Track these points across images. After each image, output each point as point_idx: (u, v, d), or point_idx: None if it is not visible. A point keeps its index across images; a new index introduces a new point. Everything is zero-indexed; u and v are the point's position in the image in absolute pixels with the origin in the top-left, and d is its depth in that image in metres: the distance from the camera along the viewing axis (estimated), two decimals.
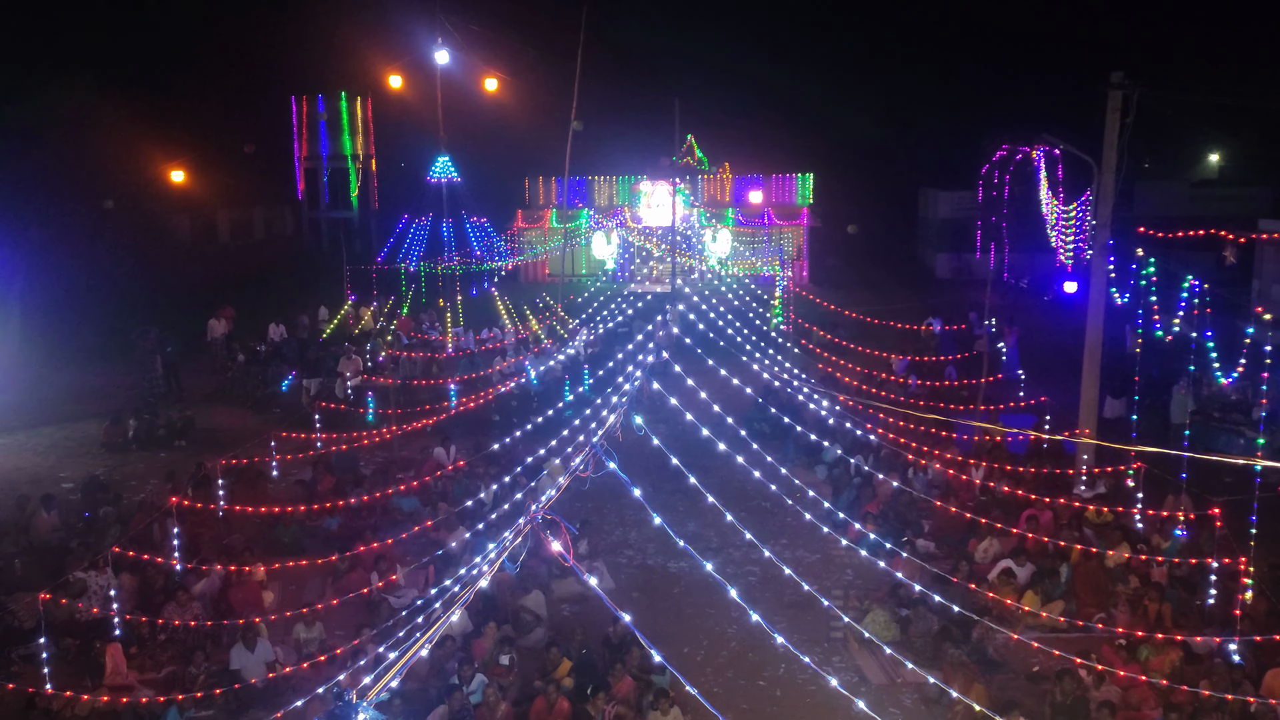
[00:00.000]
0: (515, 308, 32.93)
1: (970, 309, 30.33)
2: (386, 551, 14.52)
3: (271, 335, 28.79)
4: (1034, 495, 15.89)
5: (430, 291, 36.14)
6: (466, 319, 32.15)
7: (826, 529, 14.72)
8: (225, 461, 17.47)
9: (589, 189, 46.79)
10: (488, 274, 41.16)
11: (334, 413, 22.08)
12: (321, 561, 14.46)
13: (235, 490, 17.39)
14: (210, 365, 27.61)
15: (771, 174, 46.47)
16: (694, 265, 45.20)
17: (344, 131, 55.86)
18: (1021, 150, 42.41)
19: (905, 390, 23.57)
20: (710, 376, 18.37)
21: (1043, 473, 17.57)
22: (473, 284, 40.32)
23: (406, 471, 18.64)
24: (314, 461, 18.67)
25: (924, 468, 17.79)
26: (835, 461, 18.92)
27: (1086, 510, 15.92)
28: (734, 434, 16.35)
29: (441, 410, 21.14)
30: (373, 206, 57.83)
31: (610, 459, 9.51)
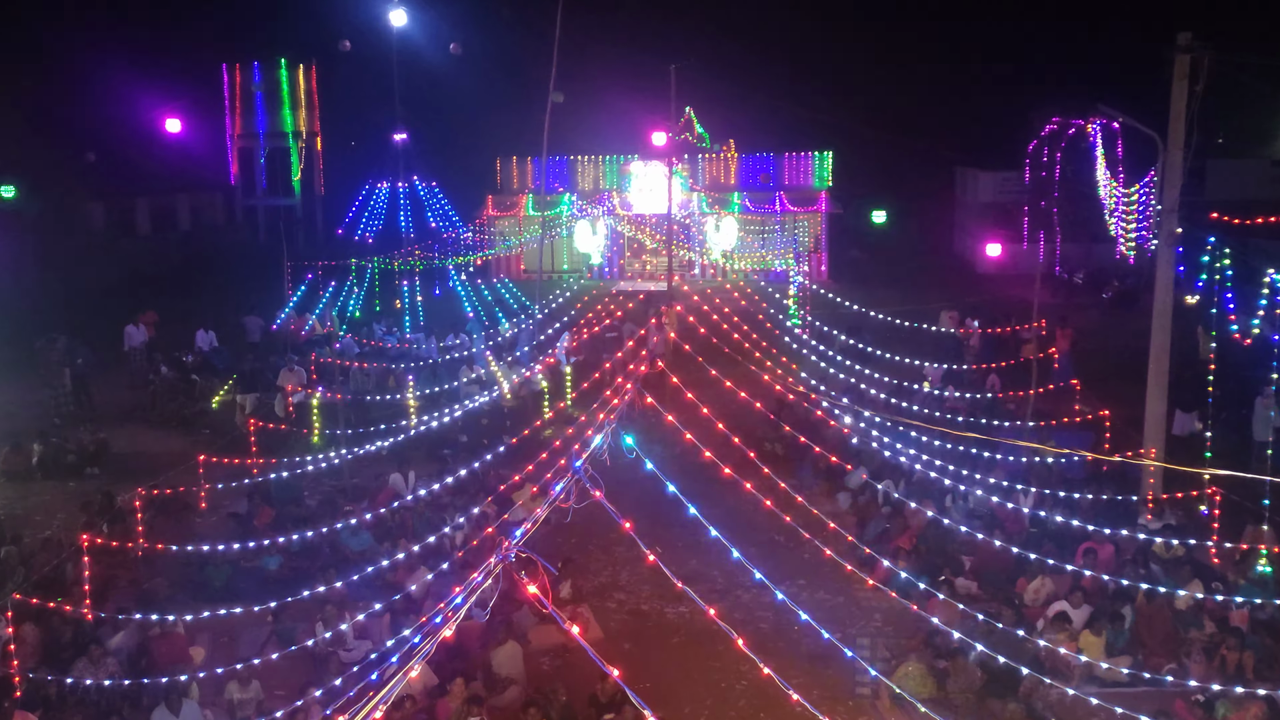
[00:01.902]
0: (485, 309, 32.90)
1: (982, 308, 30.34)
2: (335, 596, 14.46)
3: (200, 343, 28.71)
4: (1092, 526, 15.89)
5: (386, 291, 36.12)
6: (428, 323, 32.10)
7: (850, 567, 14.71)
8: (145, 491, 17.39)
9: (571, 171, 46.85)
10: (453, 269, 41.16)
11: (273, 434, 22.00)
12: (259, 609, 14.39)
13: (157, 525, 17.30)
14: (128, 379, 27.49)
15: (784, 152, 46.61)
16: (694, 259, 45.27)
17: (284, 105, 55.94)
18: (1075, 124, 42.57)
19: (941, 404, 23.56)
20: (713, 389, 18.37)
21: (1102, 500, 17.58)
22: (435, 282, 40.33)
23: (358, 502, 18.55)
24: (250, 491, 18.59)
25: (964, 494, 17.78)
26: (860, 488, 18.90)
27: (1154, 543, 15.94)
28: (741, 456, 16.34)
29: (399, 430, 21.08)
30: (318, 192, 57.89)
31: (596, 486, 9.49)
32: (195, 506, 18.94)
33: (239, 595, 15.40)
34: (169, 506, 18.03)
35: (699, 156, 46.60)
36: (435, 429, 21.21)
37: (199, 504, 19.09)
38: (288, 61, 55.71)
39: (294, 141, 56.50)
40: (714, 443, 15.22)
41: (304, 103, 56.39)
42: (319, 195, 57.77)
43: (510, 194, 47.03)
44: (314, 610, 14.33)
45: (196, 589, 15.79)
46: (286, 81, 55.91)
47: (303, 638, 13.84)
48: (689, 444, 14.30)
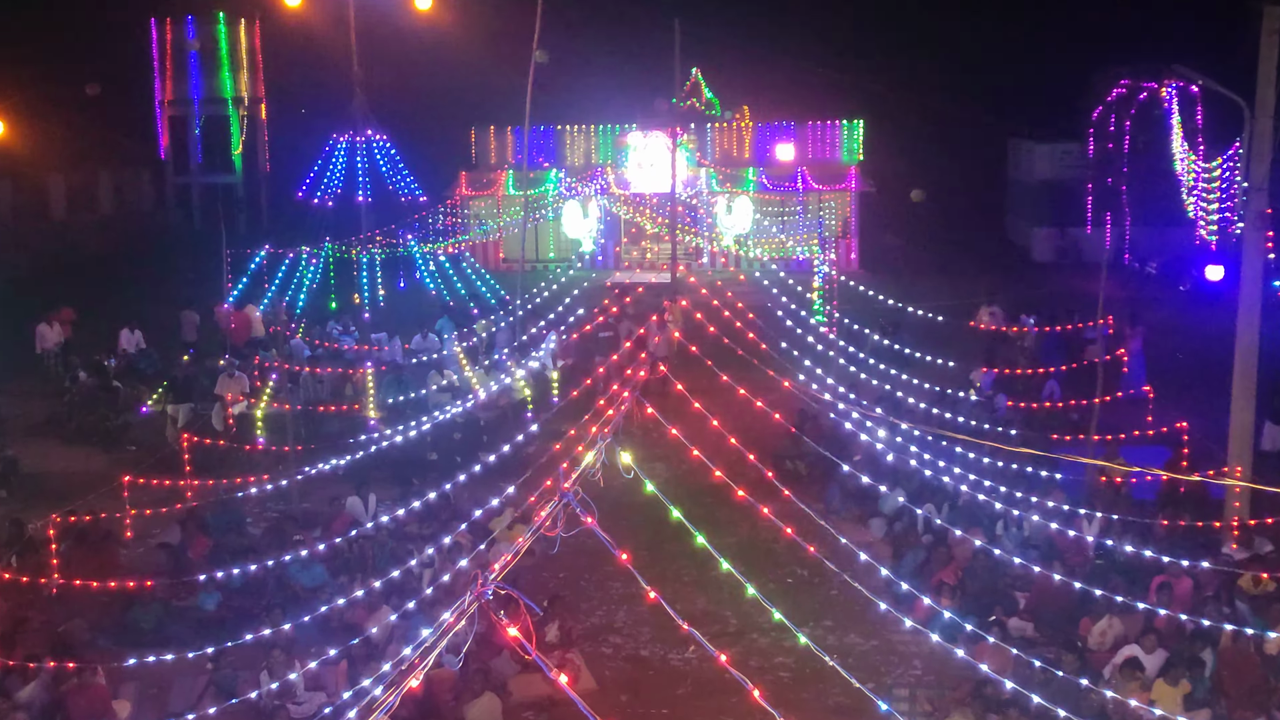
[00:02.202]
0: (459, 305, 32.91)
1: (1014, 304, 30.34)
2: (283, 640, 14.47)
3: (124, 345, 28.71)
4: (1168, 557, 15.90)
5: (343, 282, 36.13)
6: (392, 321, 32.10)
7: (885, 605, 14.70)
8: (61, 518, 17.38)
9: (558, 143, 46.91)
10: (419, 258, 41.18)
11: (210, 450, 22.00)
12: (194, 655, 14.39)
13: (75, 558, 17.28)
14: (40, 386, 27.47)
15: (807, 121, 46.68)
16: (702, 246, 45.31)
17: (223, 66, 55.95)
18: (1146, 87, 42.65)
19: (991, 415, 23.58)
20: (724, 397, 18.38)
21: (1179, 526, 17.59)
22: (399, 272, 40.34)
23: (310, 530, 18.55)
24: (183, 518, 18.58)
25: (1018, 521, 17.77)
26: (897, 513, 18.90)
27: (1239, 577, 15.94)
28: (757, 476, 16.33)
29: (358, 446, 21.07)
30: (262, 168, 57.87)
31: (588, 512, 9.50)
32: (119, 536, 18.90)
33: (170, 639, 15.40)
34: (88, 536, 17.99)
35: (708, 126, 46.65)
36: (400, 445, 21.21)
37: (123, 533, 19.06)
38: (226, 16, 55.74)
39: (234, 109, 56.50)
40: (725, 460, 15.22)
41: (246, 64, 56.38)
42: (264, 171, 57.75)
43: (487, 170, 47.08)
44: (258, 657, 14.32)
45: (121, 632, 15.77)
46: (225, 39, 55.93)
47: (245, 689, 13.83)
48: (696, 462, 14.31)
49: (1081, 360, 26.10)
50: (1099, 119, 45.63)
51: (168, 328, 30.97)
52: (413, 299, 37.00)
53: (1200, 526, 17.78)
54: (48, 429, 25.29)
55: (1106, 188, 45.04)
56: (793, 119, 46.84)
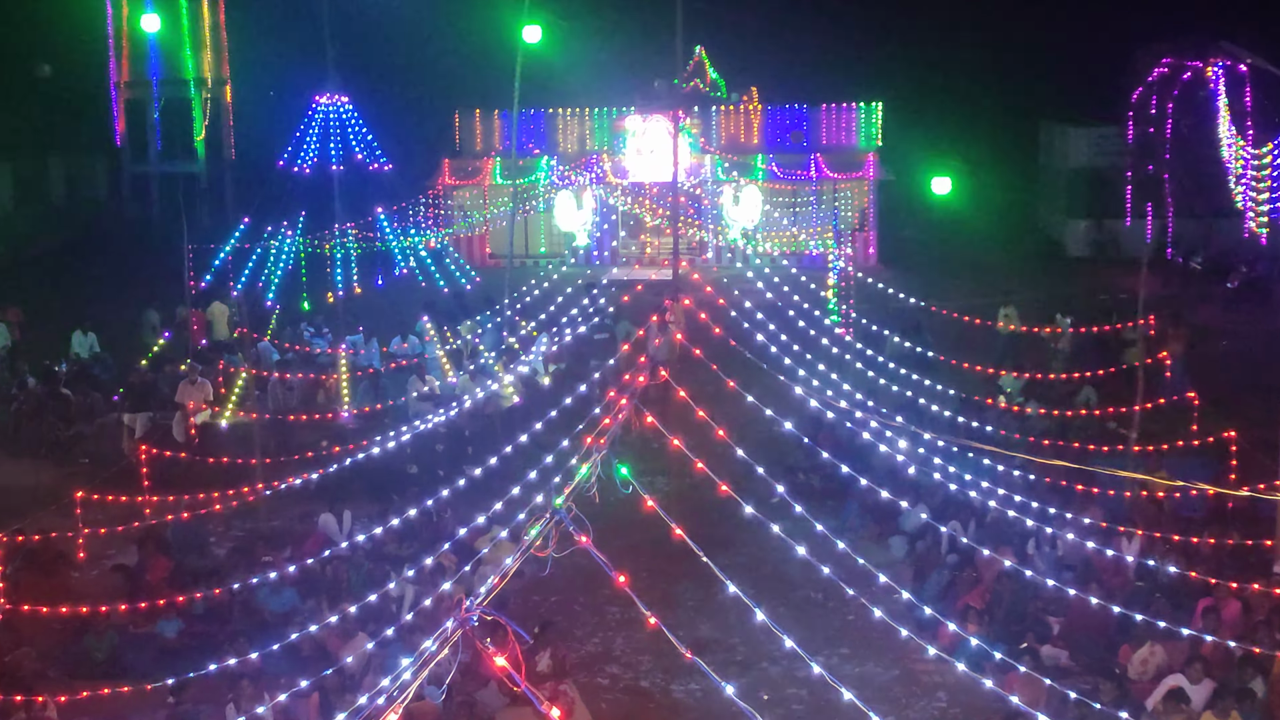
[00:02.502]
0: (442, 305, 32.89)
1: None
2: (250, 671, 14.47)
3: (76, 348, 28.73)
4: (1215, 579, 15.90)
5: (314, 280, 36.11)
6: (368, 322, 32.11)
7: (906, 632, 14.70)
8: (8, 538, 17.37)
9: (549, 128, 46.94)
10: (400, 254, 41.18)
11: (171, 464, 22.01)
12: (152, 688, 14.39)
13: (23, 581, 17.28)
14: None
15: (821, 103, 46.72)
16: (706, 240, 45.31)
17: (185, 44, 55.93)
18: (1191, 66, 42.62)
19: (1022, 424, 23.59)
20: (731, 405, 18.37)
21: (1228, 545, 17.59)
22: (378, 268, 40.32)
23: (279, 551, 18.55)
24: (141, 538, 18.59)
25: (1051, 539, 17.78)
26: (919, 530, 18.92)
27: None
28: (767, 491, 16.35)
29: (331, 458, 21.09)
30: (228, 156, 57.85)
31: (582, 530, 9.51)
32: (71, 557, 18.92)
33: (127, 669, 15.42)
34: (38, 557, 18.01)
35: (713, 109, 46.68)
36: (378, 457, 21.23)
37: (76, 554, 19.07)
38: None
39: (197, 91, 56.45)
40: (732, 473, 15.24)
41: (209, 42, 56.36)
42: (229, 159, 57.74)
43: (472, 158, 47.10)
44: (223, 688, 14.31)
45: (73, 662, 15.78)
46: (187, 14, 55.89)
47: None
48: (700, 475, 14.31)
49: (1120, 364, 26.12)
50: (1139, 101, 45.58)
51: (124, 329, 30.96)
52: (392, 298, 37.00)
53: (1250, 545, 17.81)
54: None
55: (1147, 176, 44.99)
56: (805, 101, 46.88)
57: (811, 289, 33.19)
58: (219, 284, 33.74)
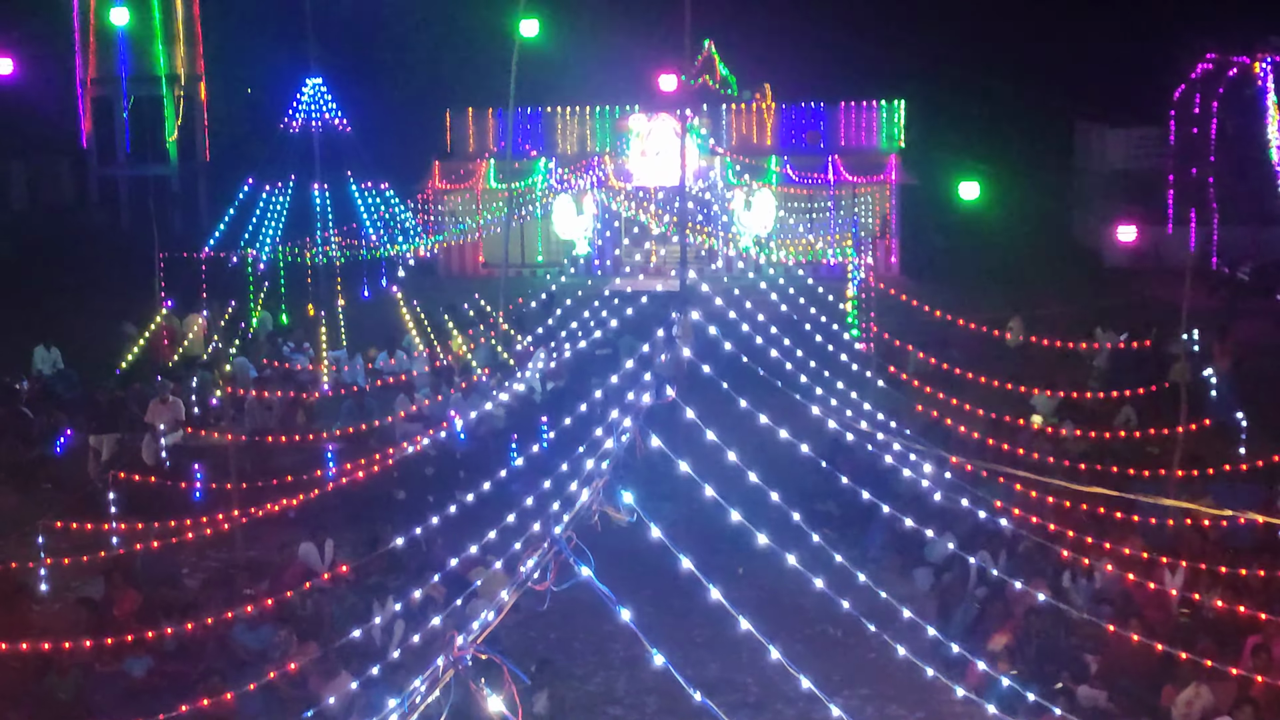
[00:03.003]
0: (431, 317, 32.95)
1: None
2: (224, 712, 14.44)
3: (39, 365, 28.77)
4: (1265, 614, 15.86)
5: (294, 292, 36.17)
6: (353, 337, 32.16)
7: (932, 671, 14.68)
8: None
9: (547, 128, 47.13)
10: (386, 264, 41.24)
11: (140, 488, 22.00)
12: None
13: None
14: None
15: (839, 101, 46.83)
16: (716, 248, 45.36)
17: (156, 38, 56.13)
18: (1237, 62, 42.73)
19: (1057, 447, 23.58)
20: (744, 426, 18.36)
21: (1277, 577, 17.55)
22: (363, 279, 40.37)
23: (257, 583, 18.53)
24: (108, 568, 18.58)
25: (1088, 570, 17.75)
26: (945, 562, 18.89)
27: None
28: (782, 518, 16.32)
29: (312, 484, 21.06)
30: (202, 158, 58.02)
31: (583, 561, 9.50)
32: (33, 589, 18.91)
33: (93, 710, 15.40)
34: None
35: (723, 107, 46.79)
36: (362, 482, 21.22)
37: (38, 585, 19.06)
38: None
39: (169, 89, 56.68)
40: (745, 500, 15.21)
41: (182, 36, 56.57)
42: (202, 161, 57.90)
43: (464, 160, 47.25)
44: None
45: (35, 703, 15.74)
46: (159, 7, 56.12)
47: None
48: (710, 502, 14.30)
49: (1162, 382, 26.10)
50: (1181, 99, 45.72)
51: (90, 344, 30.98)
52: (379, 310, 37.03)
53: None
54: None
55: (1190, 179, 45.08)
56: (823, 99, 47.01)
57: (829, 301, 33.24)
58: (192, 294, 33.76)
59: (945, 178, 49.22)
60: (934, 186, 48.37)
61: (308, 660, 15.99)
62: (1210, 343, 27.17)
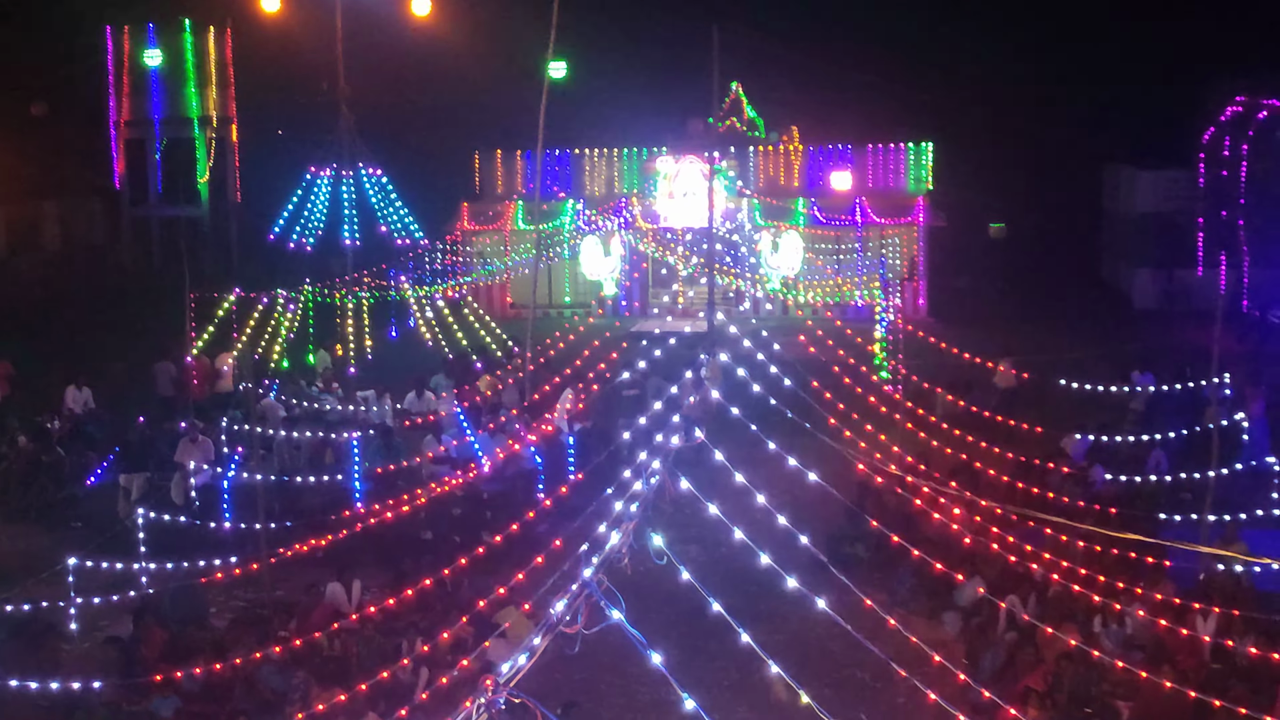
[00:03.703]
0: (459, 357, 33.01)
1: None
2: None
3: (70, 404, 28.86)
4: None
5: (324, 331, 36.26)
6: (381, 377, 32.21)
7: (962, 716, 14.57)
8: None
9: (575, 170, 47.21)
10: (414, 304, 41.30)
11: (169, 528, 22.02)
12: None
13: (10, 653, 17.27)
14: None
15: (867, 143, 46.82)
16: (744, 290, 45.35)
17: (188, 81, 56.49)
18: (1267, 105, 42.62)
19: (1087, 490, 23.45)
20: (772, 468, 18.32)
21: None
22: (391, 319, 40.46)
23: (285, 623, 18.51)
24: (137, 608, 18.58)
25: (1119, 616, 17.62)
26: (974, 605, 18.77)
27: None
28: (811, 561, 16.27)
29: (340, 524, 21.05)
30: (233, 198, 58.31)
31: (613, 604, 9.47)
32: (62, 628, 18.92)
33: None
34: (26, 628, 18.02)
35: (750, 149, 46.86)
36: (390, 522, 21.21)
37: (68, 624, 19.07)
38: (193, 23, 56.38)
39: (201, 131, 56.96)
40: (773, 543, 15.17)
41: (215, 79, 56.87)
42: (233, 203, 58.18)
43: (493, 201, 47.36)
44: None
45: None
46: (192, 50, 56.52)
47: None
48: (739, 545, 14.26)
49: (1194, 426, 25.94)
50: (1211, 142, 45.57)
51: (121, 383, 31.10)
52: (406, 351, 37.10)
53: None
54: None
55: (1220, 222, 44.90)
56: (850, 141, 46.97)
57: (857, 343, 33.18)
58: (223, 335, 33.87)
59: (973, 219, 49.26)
60: (962, 228, 48.32)
61: (332, 703, 15.95)
62: (1242, 386, 27.01)
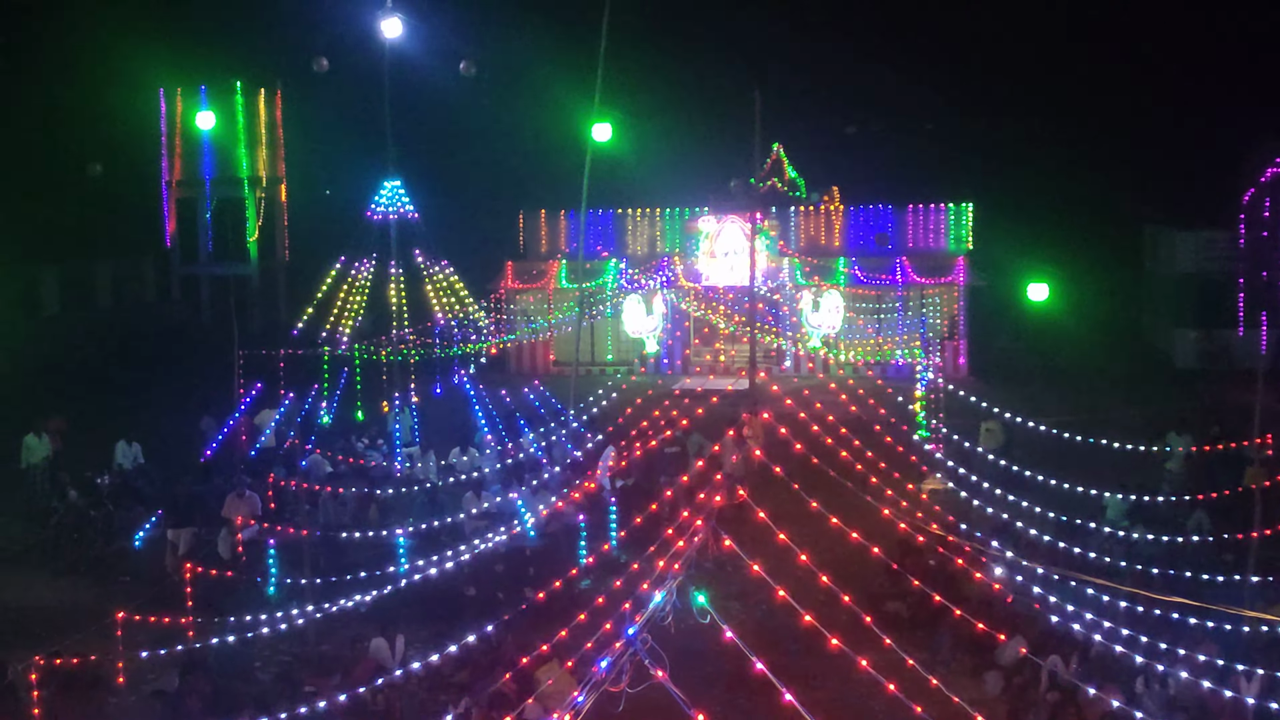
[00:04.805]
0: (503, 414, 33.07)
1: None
2: None
3: (120, 459, 29.06)
4: None
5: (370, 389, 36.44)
6: (425, 432, 32.33)
7: None
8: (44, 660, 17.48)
9: (618, 229, 47.46)
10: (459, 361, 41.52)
11: (216, 582, 22.08)
12: None
13: (59, 705, 17.34)
14: (25, 506, 27.82)
15: (907, 204, 46.91)
16: (785, 348, 45.33)
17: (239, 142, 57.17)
18: None
19: (1127, 551, 23.27)
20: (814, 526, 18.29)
21: None
22: (436, 376, 40.64)
23: (328, 678, 18.52)
24: (183, 662, 18.63)
25: (1161, 676, 17.45)
26: (1017, 665, 18.62)
27: None
28: (853, 620, 16.20)
29: (384, 579, 21.09)
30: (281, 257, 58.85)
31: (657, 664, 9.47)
32: (110, 681, 18.97)
33: None
34: (75, 680, 18.06)
35: (791, 209, 47.01)
36: (434, 578, 21.23)
37: (115, 678, 19.13)
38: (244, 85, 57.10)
39: (250, 191, 57.62)
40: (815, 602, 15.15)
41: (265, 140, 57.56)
42: (282, 261, 58.72)
43: (537, 260, 47.63)
44: None
45: None
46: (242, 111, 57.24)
47: None
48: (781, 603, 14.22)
49: (1238, 485, 25.75)
50: (1251, 202, 45.46)
51: (169, 439, 31.31)
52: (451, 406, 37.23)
53: None
54: (32, 556, 25.48)
55: (1261, 282, 44.68)
56: (890, 201, 47.08)
57: (898, 401, 33.10)
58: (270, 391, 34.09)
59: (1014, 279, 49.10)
60: (1002, 288, 48.23)
61: None
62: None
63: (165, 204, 58.03)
